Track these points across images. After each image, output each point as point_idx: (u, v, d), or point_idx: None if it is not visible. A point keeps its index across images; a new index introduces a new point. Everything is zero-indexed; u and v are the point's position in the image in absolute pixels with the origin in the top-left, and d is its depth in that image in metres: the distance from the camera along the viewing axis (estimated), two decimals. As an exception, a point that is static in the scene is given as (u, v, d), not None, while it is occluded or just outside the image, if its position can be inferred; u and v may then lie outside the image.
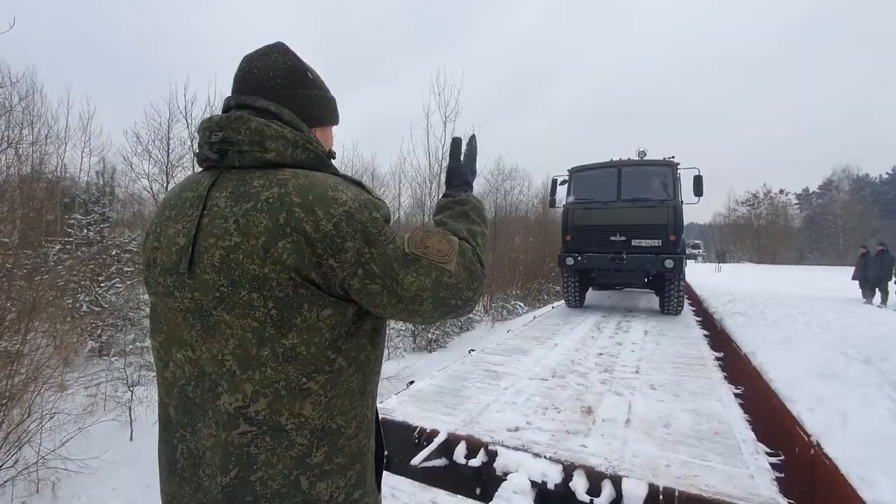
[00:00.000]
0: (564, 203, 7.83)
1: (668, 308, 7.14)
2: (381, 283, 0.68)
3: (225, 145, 0.70)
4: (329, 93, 0.87)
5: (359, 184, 0.75)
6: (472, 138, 1.08)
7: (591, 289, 8.67)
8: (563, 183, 8.06)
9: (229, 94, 0.80)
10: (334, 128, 0.93)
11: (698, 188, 7.10)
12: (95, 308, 8.19)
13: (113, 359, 6.83)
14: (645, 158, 7.65)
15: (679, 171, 7.14)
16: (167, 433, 0.74)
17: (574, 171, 7.83)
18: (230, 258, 0.64)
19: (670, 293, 7.05)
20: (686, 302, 7.83)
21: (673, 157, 7.35)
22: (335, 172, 0.76)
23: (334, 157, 0.86)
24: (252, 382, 0.65)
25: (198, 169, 0.81)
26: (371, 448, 0.79)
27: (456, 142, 1.07)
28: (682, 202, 7.09)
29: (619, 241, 6.95)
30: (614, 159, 7.60)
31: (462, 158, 1.05)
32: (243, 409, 0.65)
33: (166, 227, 0.73)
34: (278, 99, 0.77)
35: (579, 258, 7.18)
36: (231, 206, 0.66)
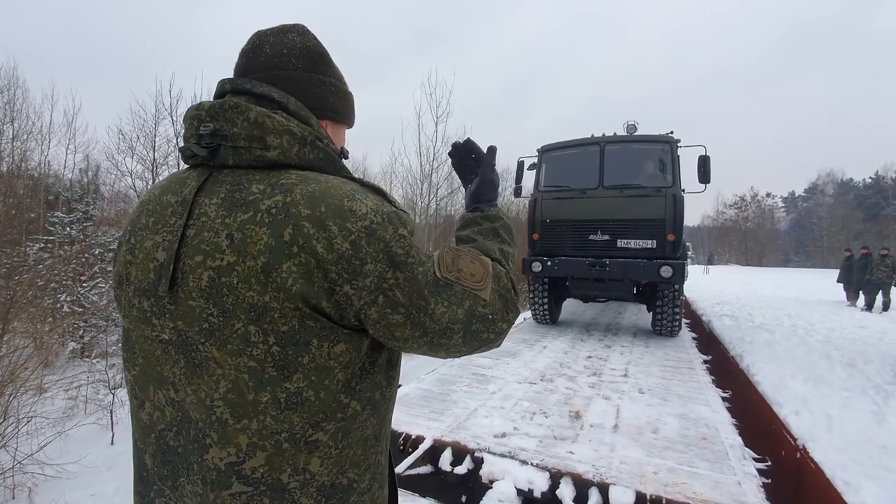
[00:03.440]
0: (532, 192, 6.25)
1: (662, 328, 5.65)
2: (406, 312, 0.57)
3: (216, 139, 0.58)
4: (348, 87, 0.76)
5: (379, 191, 0.63)
6: (491, 148, 0.94)
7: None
8: (531, 167, 6.40)
9: (225, 77, 0.68)
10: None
11: (704, 172, 5.45)
12: (77, 308, 8.00)
13: (95, 360, 6.67)
14: (635, 134, 5.97)
15: (679, 149, 5.58)
16: (143, 485, 0.63)
17: (544, 151, 6.16)
18: (221, 281, 0.53)
19: (665, 309, 5.49)
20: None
21: (672, 132, 5.66)
22: (348, 176, 0.64)
23: (347, 158, 0.74)
24: (248, 434, 0.54)
25: (182, 166, 0.68)
26: (385, 498, 0.70)
27: (492, 150, 0.93)
28: (683, 191, 5.48)
29: (601, 241, 5.45)
30: (596, 135, 5.93)
31: (493, 171, 0.91)
32: (236, 466, 0.55)
33: (142, 238, 0.61)
34: (288, 83, 0.65)
35: (549, 263, 5.63)
36: (223, 217, 0.55)
